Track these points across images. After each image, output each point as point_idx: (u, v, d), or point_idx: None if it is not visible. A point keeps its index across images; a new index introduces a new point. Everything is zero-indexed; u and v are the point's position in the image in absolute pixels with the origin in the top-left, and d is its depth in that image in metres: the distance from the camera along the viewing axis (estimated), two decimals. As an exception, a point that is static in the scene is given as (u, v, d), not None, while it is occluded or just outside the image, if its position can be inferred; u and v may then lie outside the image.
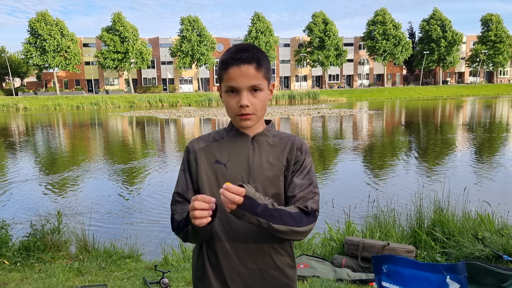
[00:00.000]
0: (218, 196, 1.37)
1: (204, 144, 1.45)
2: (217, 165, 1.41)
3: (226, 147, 1.43)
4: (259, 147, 1.42)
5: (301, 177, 1.40)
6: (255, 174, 1.39)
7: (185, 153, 1.47)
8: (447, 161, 10.93)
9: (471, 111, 29.12)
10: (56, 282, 3.74)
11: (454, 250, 4.30)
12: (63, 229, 4.88)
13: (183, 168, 1.45)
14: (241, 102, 1.31)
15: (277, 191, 1.42)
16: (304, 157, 1.44)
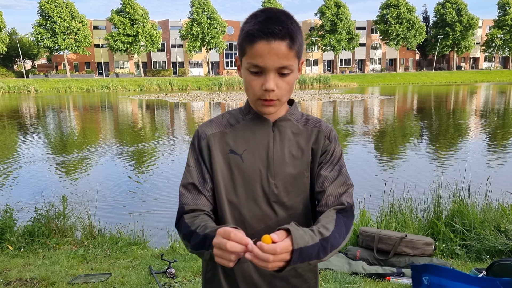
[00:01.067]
0: (233, 193, 1.19)
1: (217, 129, 1.23)
2: (232, 156, 1.20)
3: (243, 133, 1.21)
4: (281, 136, 1.20)
5: (330, 169, 1.20)
6: (276, 168, 1.18)
7: (195, 139, 1.24)
8: (466, 149, 10.58)
9: (485, 97, 28.41)
10: (60, 269, 3.62)
11: (475, 242, 4.09)
12: (68, 214, 4.76)
13: (196, 156, 1.22)
14: (266, 85, 1.09)
15: (301, 190, 1.21)
16: (333, 146, 1.23)
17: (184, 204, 1.18)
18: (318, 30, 60.93)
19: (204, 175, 1.20)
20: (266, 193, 1.19)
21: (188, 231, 1.09)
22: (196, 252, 1.06)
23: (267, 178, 1.18)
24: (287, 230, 0.93)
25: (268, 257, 0.87)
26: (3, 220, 4.45)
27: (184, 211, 1.17)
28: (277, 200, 1.19)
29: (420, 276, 1.28)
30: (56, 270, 3.58)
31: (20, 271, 3.59)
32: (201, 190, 1.19)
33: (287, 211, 1.19)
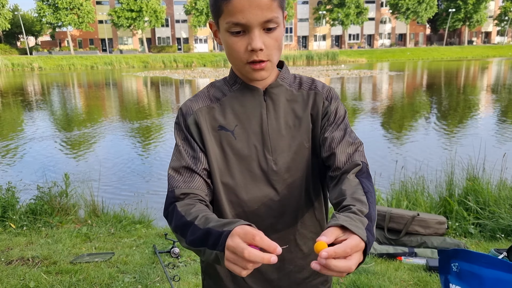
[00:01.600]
0: (228, 175, 1.04)
1: (203, 103, 1.08)
2: (222, 133, 1.05)
3: (231, 107, 1.06)
4: (275, 105, 1.06)
5: (334, 129, 1.06)
6: (272, 143, 1.04)
7: (180, 117, 1.08)
8: (480, 125, 10.28)
9: (497, 73, 27.76)
10: (62, 248, 3.55)
11: (490, 221, 3.95)
12: (71, 192, 4.68)
13: (184, 135, 1.07)
14: (253, 44, 0.94)
15: (302, 164, 1.07)
16: (334, 106, 1.09)
17: (174, 187, 1.01)
18: (326, 4, 59.54)
19: (196, 154, 1.05)
20: (264, 171, 1.05)
21: (183, 223, 0.93)
22: (194, 249, 0.89)
23: (264, 154, 1.05)
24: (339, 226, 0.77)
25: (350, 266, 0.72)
26: (5, 198, 4.38)
27: (175, 196, 1.00)
28: (278, 178, 1.06)
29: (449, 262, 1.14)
30: (59, 249, 3.51)
31: (22, 249, 3.52)
32: (194, 170, 1.03)
33: (288, 188, 1.06)
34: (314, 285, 1.17)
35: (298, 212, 1.10)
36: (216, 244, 0.80)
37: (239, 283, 1.13)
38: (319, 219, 1.15)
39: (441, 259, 1.00)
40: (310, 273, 1.15)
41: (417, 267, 3.06)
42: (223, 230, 0.80)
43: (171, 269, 2.94)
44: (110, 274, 2.86)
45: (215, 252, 0.81)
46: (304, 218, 1.11)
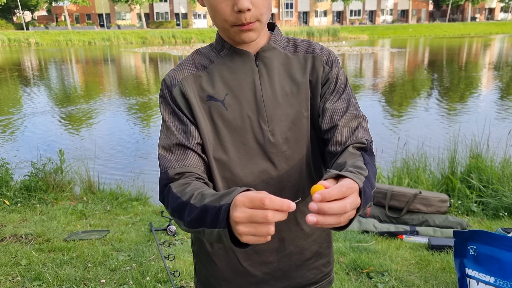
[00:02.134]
0: (221, 150, 0.95)
1: (189, 72, 0.97)
2: (212, 103, 0.94)
3: (220, 75, 0.95)
4: (268, 70, 0.95)
5: (336, 99, 0.96)
6: (268, 112, 0.94)
7: (165, 89, 0.97)
8: (484, 102, 10.07)
9: (500, 50, 27.35)
10: (57, 225, 3.48)
11: (493, 199, 3.88)
12: (66, 168, 4.59)
13: (171, 109, 0.96)
14: (239, 4, 0.84)
15: (301, 135, 0.97)
16: (335, 71, 0.98)
17: (167, 168, 0.92)
18: (327, -21, 58.22)
19: (187, 128, 0.94)
20: (260, 144, 0.95)
21: (178, 204, 0.83)
22: (194, 231, 0.80)
23: (259, 125, 0.95)
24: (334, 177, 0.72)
25: (345, 206, 0.64)
26: (-1, 175, 4.30)
27: (169, 177, 0.90)
28: (276, 151, 0.96)
29: (465, 245, 1.03)
30: (53, 226, 3.44)
31: (16, 226, 3.45)
32: (187, 146, 0.93)
33: (287, 162, 0.97)
34: (316, 267, 1.08)
35: (299, 188, 1.00)
36: (215, 222, 0.71)
37: (234, 266, 1.04)
38: None
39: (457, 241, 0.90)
40: (312, 254, 1.07)
41: (418, 246, 3.00)
42: (220, 204, 0.71)
43: (167, 247, 2.87)
44: (104, 252, 2.79)
45: (216, 230, 0.71)
46: (305, 194, 1.02)
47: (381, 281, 2.45)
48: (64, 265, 2.62)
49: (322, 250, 1.09)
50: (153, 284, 2.35)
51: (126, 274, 2.48)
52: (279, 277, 1.05)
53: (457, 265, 0.89)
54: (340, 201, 0.64)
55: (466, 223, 3.40)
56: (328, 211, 0.62)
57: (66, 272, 2.50)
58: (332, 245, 1.13)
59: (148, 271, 2.48)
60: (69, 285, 2.37)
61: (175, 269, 2.47)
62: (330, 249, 1.12)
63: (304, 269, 1.06)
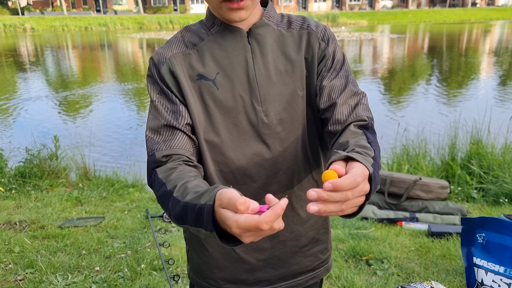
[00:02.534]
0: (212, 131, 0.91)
1: (177, 50, 0.91)
2: (202, 83, 0.89)
3: (211, 53, 0.90)
4: (261, 48, 0.89)
5: (334, 76, 0.91)
6: (261, 92, 0.89)
7: (152, 67, 0.91)
8: (486, 87, 9.96)
9: (500, 36, 27.12)
10: (51, 212, 3.43)
11: (493, 186, 3.84)
12: (61, 155, 4.52)
13: (159, 88, 0.90)
14: None
15: (296, 116, 0.93)
16: (332, 48, 0.93)
17: (154, 150, 0.86)
18: (327, -37, 57.39)
19: (176, 108, 0.89)
20: (254, 125, 0.90)
21: (163, 193, 0.78)
22: (180, 226, 0.76)
23: (252, 105, 0.90)
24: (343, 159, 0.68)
25: (346, 194, 0.60)
26: (-8, 161, 4.23)
27: (156, 159, 0.85)
28: (269, 132, 0.91)
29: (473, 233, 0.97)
30: (48, 213, 3.39)
31: (10, 213, 3.40)
32: (175, 126, 0.87)
33: (282, 144, 0.92)
34: (313, 253, 1.04)
35: (294, 171, 0.95)
36: (199, 223, 0.66)
37: (227, 253, 0.99)
38: (316, 180, 1.01)
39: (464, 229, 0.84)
40: (308, 241, 1.02)
41: (418, 233, 2.96)
42: (200, 203, 0.66)
43: (162, 234, 2.82)
44: (99, 239, 2.75)
45: (204, 232, 0.67)
46: (300, 178, 0.97)
47: (381, 268, 2.41)
48: (58, 252, 2.58)
49: (319, 236, 1.04)
50: (148, 272, 2.31)
51: (121, 261, 2.44)
52: (274, 264, 1.00)
53: (464, 253, 0.84)
54: (345, 194, 0.60)
55: (466, 209, 3.36)
56: (328, 199, 0.58)
57: (60, 260, 2.46)
58: (330, 231, 1.09)
59: (144, 258, 2.44)
60: (62, 272, 2.32)
61: (170, 256, 2.43)
62: (327, 235, 1.07)
63: (300, 256, 1.02)
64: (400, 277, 2.34)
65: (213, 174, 0.91)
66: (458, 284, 2.20)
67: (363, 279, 2.31)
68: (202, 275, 1.03)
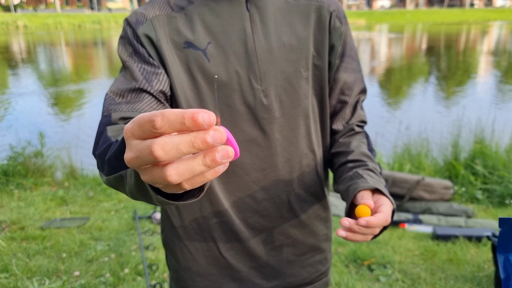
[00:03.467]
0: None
1: (161, 11, 0.73)
2: (190, 52, 0.72)
3: (201, 18, 0.73)
4: (262, 16, 0.73)
5: (350, 69, 0.83)
6: (261, 67, 0.73)
7: (127, 28, 0.73)
8: (489, 86, 9.81)
9: (498, 37, 27.13)
10: (34, 212, 3.24)
11: (499, 186, 3.69)
12: (47, 152, 4.33)
13: (132, 50, 0.72)
14: None
15: (299, 99, 0.78)
16: (346, 29, 0.82)
17: (111, 111, 0.68)
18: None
19: (152, 69, 0.71)
20: (250, 107, 0.75)
21: (104, 148, 0.58)
22: (114, 178, 0.52)
23: (250, 83, 0.74)
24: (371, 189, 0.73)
25: (374, 230, 0.65)
26: (-26, 158, 4.04)
27: (111, 120, 0.67)
28: (268, 116, 0.75)
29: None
30: (30, 213, 3.20)
31: (-10, 214, 3.21)
32: (145, 89, 0.70)
33: (281, 131, 0.77)
34: (312, 264, 0.88)
35: (295, 164, 0.80)
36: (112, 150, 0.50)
37: (212, 257, 0.83)
38: (320, 176, 0.85)
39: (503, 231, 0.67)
40: (307, 249, 0.87)
41: (422, 236, 2.79)
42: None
43: (149, 236, 2.64)
44: (81, 241, 2.56)
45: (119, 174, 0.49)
46: (302, 173, 0.82)
47: (384, 274, 2.24)
48: (36, 255, 2.39)
49: (320, 244, 0.89)
50: (133, 277, 2.13)
51: (103, 265, 2.25)
52: (267, 274, 0.85)
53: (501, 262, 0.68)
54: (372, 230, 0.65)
55: (472, 211, 3.20)
56: (358, 232, 0.64)
57: (38, 263, 2.27)
58: (331, 239, 0.93)
59: (128, 262, 2.26)
60: (39, 277, 2.14)
61: (157, 260, 2.25)
62: (328, 243, 0.92)
63: (297, 266, 0.87)
64: (405, 283, 2.17)
65: None
66: (468, 292, 2.04)
67: (365, 285, 2.14)
68: (182, 285, 0.86)
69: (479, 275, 2.21)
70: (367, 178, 0.71)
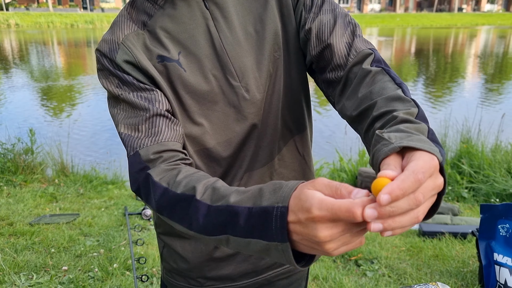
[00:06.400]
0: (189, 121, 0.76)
1: (128, 30, 0.73)
2: (166, 65, 0.71)
3: (164, 29, 0.72)
4: (222, 10, 0.73)
5: (317, 13, 0.73)
6: (235, 64, 0.72)
7: (103, 58, 0.72)
8: (475, 87, 9.95)
9: (485, 41, 27.51)
10: (23, 208, 3.23)
11: (484, 185, 3.76)
12: (37, 149, 4.30)
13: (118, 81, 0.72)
14: None
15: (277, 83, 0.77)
16: None
17: (137, 147, 0.68)
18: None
19: (150, 95, 0.71)
20: (235, 105, 0.75)
21: (172, 198, 0.60)
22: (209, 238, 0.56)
23: (228, 82, 0.73)
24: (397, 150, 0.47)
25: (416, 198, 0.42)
26: (-38, 155, 4.00)
27: (143, 159, 0.66)
28: (255, 110, 0.75)
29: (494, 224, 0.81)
30: (19, 210, 3.18)
31: (-22, 210, 3.18)
32: (156, 113, 0.70)
33: (263, 118, 0.77)
34: None
35: (274, 146, 0.81)
36: (259, 231, 0.49)
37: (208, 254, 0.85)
38: (302, 153, 0.86)
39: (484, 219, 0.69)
40: None
41: (409, 232, 2.84)
42: (262, 205, 0.48)
43: (139, 232, 2.65)
44: (70, 236, 2.56)
45: (264, 243, 0.49)
46: (282, 153, 0.82)
47: (371, 269, 2.28)
48: (24, 250, 2.38)
49: None
50: (121, 271, 2.14)
51: (92, 260, 2.26)
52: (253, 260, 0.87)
53: (483, 249, 0.69)
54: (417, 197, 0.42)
55: (458, 209, 3.26)
56: (393, 213, 0.41)
57: (26, 258, 2.26)
58: None
59: (117, 257, 2.26)
60: (27, 272, 2.13)
61: (146, 255, 2.26)
62: None
63: None
64: (391, 278, 2.21)
65: (198, 167, 0.77)
66: (453, 286, 2.08)
67: (352, 280, 2.17)
68: (180, 274, 0.88)
69: (464, 270, 2.25)
70: (391, 137, 0.48)
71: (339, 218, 0.41)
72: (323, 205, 0.42)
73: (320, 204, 0.42)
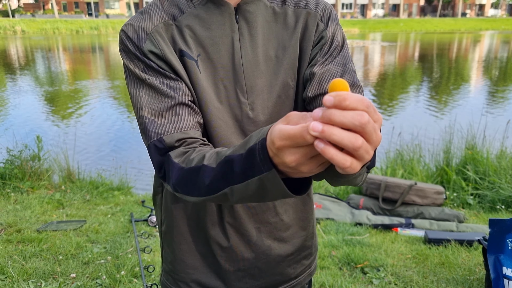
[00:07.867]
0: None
1: (158, 20, 0.75)
2: (186, 60, 0.75)
3: (191, 29, 0.75)
4: (250, 28, 0.75)
5: (328, 62, 0.77)
6: (248, 82, 0.75)
7: (128, 42, 0.74)
8: (480, 93, 9.94)
9: (489, 46, 27.46)
10: (30, 215, 3.25)
11: (490, 192, 3.75)
12: (44, 156, 4.34)
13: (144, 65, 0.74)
14: None
15: (285, 110, 0.79)
16: (332, 30, 0.79)
17: (160, 134, 0.70)
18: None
19: (174, 83, 0.73)
20: (237, 119, 0.78)
21: (185, 173, 0.64)
22: (215, 196, 0.60)
23: (237, 96, 0.76)
24: None
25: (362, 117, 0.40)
26: (-30, 161, 4.04)
27: (167, 145, 0.69)
28: (254, 128, 0.78)
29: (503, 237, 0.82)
30: (26, 216, 3.21)
31: (-14, 217, 3.21)
32: (181, 102, 0.72)
33: None
34: (297, 261, 0.92)
35: None
36: (250, 168, 0.52)
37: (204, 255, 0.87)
38: None
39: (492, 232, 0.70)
40: (294, 249, 0.90)
41: (414, 239, 2.84)
42: (248, 147, 0.53)
43: (145, 239, 2.67)
44: (78, 243, 2.58)
45: (256, 178, 0.52)
46: None
47: (377, 277, 2.28)
48: (32, 257, 2.40)
49: (306, 242, 0.93)
50: (129, 279, 2.15)
51: (99, 267, 2.27)
52: (254, 275, 0.88)
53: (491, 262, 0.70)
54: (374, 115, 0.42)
55: (463, 216, 3.26)
56: (334, 118, 0.39)
57: (34, 266, 2.28)
58: (315, 235, 0.97)
59: (124, 264, 2.28)
60: (35, 279, 2.15)
61: (153, 262, 2.28)
62: (313, 240, 0.96)
63: (284, 266, 0.90)
64: (397, 286, 2.21)
65: None
66: (459, 294, 2.08)
67: (358, 288, 2.18)
68: (174, 277, 0.89)
69: (470, 278, 2.25)
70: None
71: (298, 143, 0.43)
72: (282, 134, 0.44)
73: (280, 134, 0.44)
